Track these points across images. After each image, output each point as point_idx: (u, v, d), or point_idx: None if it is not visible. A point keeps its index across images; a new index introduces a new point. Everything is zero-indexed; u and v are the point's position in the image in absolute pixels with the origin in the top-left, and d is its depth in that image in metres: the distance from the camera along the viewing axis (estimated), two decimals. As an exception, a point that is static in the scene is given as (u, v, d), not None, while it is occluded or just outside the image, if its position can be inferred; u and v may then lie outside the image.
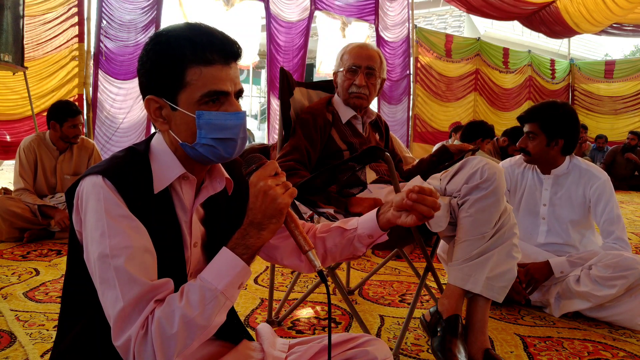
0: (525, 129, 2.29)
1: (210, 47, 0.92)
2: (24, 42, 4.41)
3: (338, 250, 1.15)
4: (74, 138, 3.31)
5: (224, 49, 0.93)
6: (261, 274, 2.67)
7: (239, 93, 0.97)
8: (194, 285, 0.89)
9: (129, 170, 0.93)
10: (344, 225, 1.15)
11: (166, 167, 0.97)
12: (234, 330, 1.13)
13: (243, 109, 0.98)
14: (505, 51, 10.22)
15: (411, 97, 8.74)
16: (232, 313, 1.13)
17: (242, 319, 2.00)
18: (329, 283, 2.52)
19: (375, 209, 1.12)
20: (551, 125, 2.22)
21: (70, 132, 3.28)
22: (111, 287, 0.85)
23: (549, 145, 2.25)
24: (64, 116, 3.24)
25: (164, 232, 0.94)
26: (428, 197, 1.00)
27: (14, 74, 4.73)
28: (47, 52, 5.40)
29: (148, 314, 0.85)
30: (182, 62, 0.92)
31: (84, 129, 3.57)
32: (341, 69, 2.00)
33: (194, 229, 1.01)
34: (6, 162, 6.39)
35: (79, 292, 0.97)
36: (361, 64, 1.95)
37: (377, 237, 1.12)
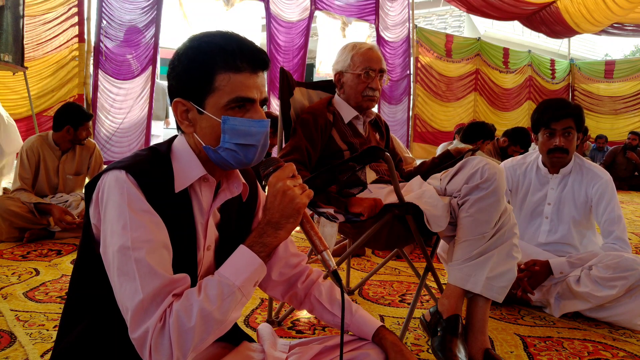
0: (559, 126, 2.19)
1: (240, 55, 0.95)
2: (24, 42, 4.42)
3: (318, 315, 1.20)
4: (84, 140, 3.36)
5: (253, 58, 0.96)
6: (261, 274, 2.67)
7: (264, 101, 1.00)
8: (212, 280, 0.91)
9: (151, 168, 0.95)
10: (334, 321, 1.17)
11: (188, 168, 0.99)
12: (233, 333, 1.13)
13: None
14: (506, 51, 10.22)
15: (411, 97, 8.75)
16: None
17: (242, 319, 2.00)
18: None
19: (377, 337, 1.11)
20: (582, 120, 2.23)
21: (83, 135, 3.33)
22: (130, 279, 0.86)
23: (578, 139, 2.26)
24: (81, 120, 3.28)
25: (179, 231, 0.96)
26: None
27: (14, 74, 4.73)
28: (47, 52, 5.41)
29: (166, 307, 0.86)
30: (213, 68, 0.94)
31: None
32: (351, 71, 1.98)
33: (209, 232, 1.03)
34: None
35: (86, 292, 0.97)
36: (376, 67, 1.96)
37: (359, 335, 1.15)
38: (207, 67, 0.94)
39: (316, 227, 1.00)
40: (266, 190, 1.04)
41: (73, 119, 3.25)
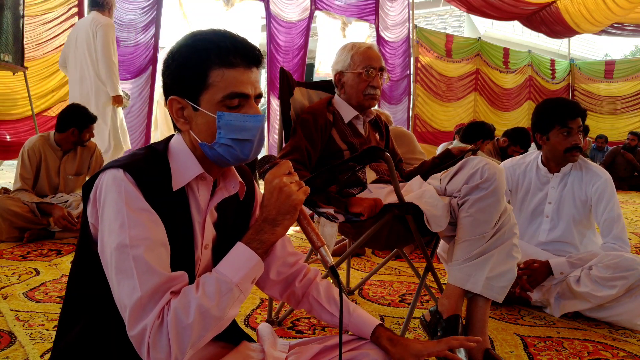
0: (575, 124, 2.20)
1: (234, 51, 0.95)
2: (24, 42, 4.41)
3: (316, 314, 1.19)
4: (86, 141, 3.38)
5: (246, 54, 0.96)
6: (261, 274, 2.67)
7: (259, 97, 1.00)
8: (210, 277, 0.91)
9: (149, 167, 0.95)
10: (332, 321, 1.17)
11: (185, 166, 0.99)
12: (233, 332, 1.13)
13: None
14: (506, 51, 10.22)
15: (411, 97, 8.75)
16: None
17: (242, 319, 2.00)
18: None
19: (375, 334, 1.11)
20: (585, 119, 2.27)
21: (86, 137, 3.35)
22: (128, 277, 0.86)
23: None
24: (86, 123, 3.30)
25: (177, 230, 0.96)
26: None
27: (14, 74, 4.73)
28: (47, 52, 5.40)
29: (164, 304, 0.87)
30: (207, 64, 0.94)
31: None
32: (351, 70, 1.98)
33: (207, 230, 1.03)
34: (6, 162, 6.38)
35: (84, 291, 0.97)
36: (376, 66, 1.97)
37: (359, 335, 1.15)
38: (201, 64, 0.95)
39: (313, 223, 1.00)
40: (262, 187, 1.04)
41: (79, 122, 3.27)
